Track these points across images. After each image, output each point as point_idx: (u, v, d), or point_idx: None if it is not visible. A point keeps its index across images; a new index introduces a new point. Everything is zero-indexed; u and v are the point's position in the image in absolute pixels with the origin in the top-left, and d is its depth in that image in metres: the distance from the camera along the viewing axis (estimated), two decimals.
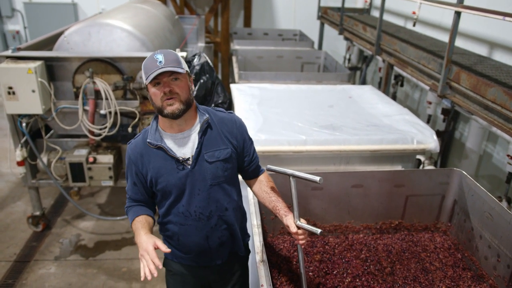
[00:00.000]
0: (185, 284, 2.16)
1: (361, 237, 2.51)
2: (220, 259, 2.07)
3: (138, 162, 1.90)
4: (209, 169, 1.89)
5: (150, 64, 1.75)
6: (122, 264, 3.86)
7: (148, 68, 1.75)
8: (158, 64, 1.73)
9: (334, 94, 3.78)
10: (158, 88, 1.76)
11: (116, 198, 4.86)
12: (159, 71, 1.71)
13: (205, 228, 1.95)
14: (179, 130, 1.88)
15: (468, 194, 2.37)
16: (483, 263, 2.25)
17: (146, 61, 1.78)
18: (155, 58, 1.75)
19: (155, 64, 1.73)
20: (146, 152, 1.88)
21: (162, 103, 1.76)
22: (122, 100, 3.76)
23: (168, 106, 1.76)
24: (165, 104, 1.76)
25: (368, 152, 2.83)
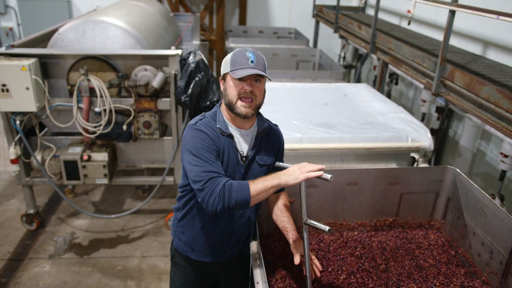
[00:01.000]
0: (189, 279, 2.19)
1: (356, 235, 2.52)
2: (229, 257, 2.12)
3: (214, 139, 1.84)
4: (256, 170, 1.96)
5: (241, 59, 1.78)
6: (117, 262, 3.85)
7: (237, 62, 1.77)
8: (249, 63, 1.76)
9: (329, 92, 3.79)
10: (240, 84, 1.79)
11: (110, 196, 4.85)
12: (252, 72, 1.74)
13: (234, 224, 2.01)
14: (240, 127, 1.92)
15: (462, 192, 2.39)
16: (476, 260, 2.27)
17: (237, 54, 1.80)
18: (247, 55, 1.78)
19: (246, 61, 1.76)
20: (216, 135, 1.86)
21: (237, 99, 1.81)
22: (117, 97, 3.75)
23: (243, 107, 1.81)
24: (239, 103, 1.81)
25: (363, 150, 2.84)
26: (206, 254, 2.09)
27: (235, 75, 1.76)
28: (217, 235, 2.02)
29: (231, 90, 1.81)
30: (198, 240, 2.05)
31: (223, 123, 1.89)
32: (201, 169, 1.74)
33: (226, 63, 1.83)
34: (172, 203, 4.62)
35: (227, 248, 2.08)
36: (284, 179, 1.71)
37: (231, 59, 1.80)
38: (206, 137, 1.81)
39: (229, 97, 1.83)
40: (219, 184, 1.70)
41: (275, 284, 2.08)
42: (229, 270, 2.19)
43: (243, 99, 1.80)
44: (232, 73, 1.77)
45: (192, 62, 3.65)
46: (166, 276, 3.69)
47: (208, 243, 2.05)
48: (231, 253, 2.11)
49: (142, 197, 4.72)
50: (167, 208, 4.63)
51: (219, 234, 2.02)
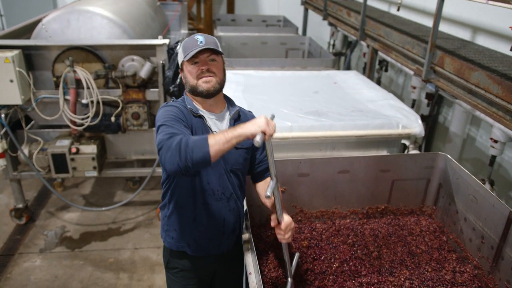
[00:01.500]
0: (188, 280, 2.15)
1: (348, 222, 2.52)
2: (226, 247, 2.09)
3: (186, 114, 1.85)
4: (233, 154, 1.94)
5: (190, 43, 1.83)
6: (109, 255, 3.83)
7: (187, 47, 1.83)
8: (198, 44, 1.81)
9: (319, 80, 3.76)
10: (196, 66, 1.83)
11: (100, 188, 4.80)
12: (200, 49, 1.78)
13: (224, 209, 1.98)
14: (210, 110, 1.94)
15: (453, 178, 2.39)
16: (468, 245, 2.28)
17: (186, 41, 1.86)
18: (196, 38, 1.83)
19: (195, 43, 1.81)
20: (187, 112, 1.87)
21: (198, 80, 1.84)
22: (104, 89, 3.70)
23: (204, 83, 1.84)
24: (200, 81, 1.84)
25: (353, 138, 2.83)
26: (202, 248, 2.04)
27: (186, 57, 1.81)
28: (210, 225, 1.99)
29: (190, 75, 1.86)
30: (191, 233, 2.01)
31: (193, 105, 1.91)
32: (164, 132, 1.64)
33: (180, 53, 1.89)
34: None
35: (222, 237, 2.04)
36: (247, 128, 1.57)
37: (182, 47, 1.87)
38: (176, 109, 1.82)
39: (189, 82, 1.87)
40: (176, 139, 1.57)
41: (268, 274, 2.07)
42: (227, 262, 2.16)
43: (202, 78, 1.85)
44: (185, 57, 1.82)
45: None
46: (158, 268, 3.68)
47: (202, 235, 2.01)
48: (227, 243, 2.08)
49: (133, 188, 4.68)
50: (158, 199, 4.60)
51: (212, 223, 1.98)
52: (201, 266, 2.12)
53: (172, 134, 1.61)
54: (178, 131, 1.65)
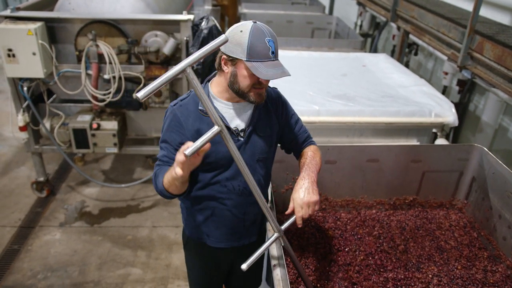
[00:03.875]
0: (206, 266, 2.10)
1: (374, 213, 2.43)
2: (248, 239, 2.00)
3: (186, 124, 1.70)
4: (259, 143, 1.79)
5: (261, 48, 1.54)
6: (127, 231, 3.83)
7: (256, 51, 1.54)
8: (271, 55, 1.56)
9: (347, 62, 3.62)
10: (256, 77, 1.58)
11: (120, 164, 4.79)
12: (278, 75, 1.55)
13: (245, 203, 1.87)
14: (236, 100, 1.73)
15: (489, 172, 2.27)
16: (501, 244, 2.17)
17: (255, 40, 1.54)
18: (268, 44, 1.55)
19: (267, 52, 1.55)
20: (196, 116, 1.70)
21: (251, 89, 1.63)
22: (127, 64, 3.62)
23: (257, 96, 1.64)
24: (253, 92, 1.63)
25: (382, 125, 2.71)
26: (222, 240, 1.97)
27: (260, 75, 1.53)
28: (230, 219, 1.90)
29: (244, 80, 1.61)
30: (210, 225, 1.93)
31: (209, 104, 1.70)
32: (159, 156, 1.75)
33: (240, 45, 1.55)
34: None
35: (244, 229, 1.96)
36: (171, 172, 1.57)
37: (248, 44, 1.54)
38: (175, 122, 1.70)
39: (240, 85, 1.63)
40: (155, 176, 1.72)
41: (290, 263, 2.01)
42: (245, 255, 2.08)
43: (258, 89, 1.64)
44: (251, 66, 1.54)
45: (205, 28, 3.48)
46: (176, 247, 3.66)
47: (222, 228, 1.93)
48: (248, 234, 1.99)
49: (153, 166, 4.65)
50: None
51: (232, 217, 1.89)
52: (220, 256, 2.06)
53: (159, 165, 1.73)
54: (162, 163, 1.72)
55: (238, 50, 1.55)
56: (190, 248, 2.11)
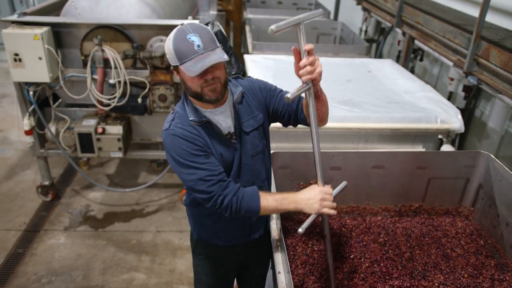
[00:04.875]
0: (214, 269, 2.12)
1: (379, 220, 2.41)
2: (257, 233, 2.03)
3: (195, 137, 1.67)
4: (248, 140, 1.81)
5: (185, 47, 1.54)
6: (132, 236, 3.83)
7: (182, 52, 1.55)
8: (196, 49, 1.54)
9: (352, 68, 3.61)
10: (198, 76, 1.58)
11: (125, 169, 4.80)
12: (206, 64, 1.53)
13: None
14: (216, 106, 1.74)
15: (496, 179, 2.25)
16: (509, 252, 2.14)
17: (178, 43, 1.55)
18: (191, 41, 1.54)
19: (192, 48, 1.54)
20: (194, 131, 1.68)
21: (202, 89, 1.63)
22: (132, 69, 3.64)
23: (210, 92, 1.64)
24: (206, 90, 1.63)
25: (388, 131, 2.70)
26: (232, 238, 2.00)
27: (189, 73, 1.55)
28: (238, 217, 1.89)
29: (192, 84, 1.62)
30: (222, 226, 1.96)
31: (195, 113, 1.70)
32: (196, 176, 1.65)
33: (170, 53, 1.58)
34: None
35: (252, 224, 1.99)
36: (300, 207, 1.66)
37: (174, 50, 1.56)
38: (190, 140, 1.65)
39: (192, 89, 1.64)
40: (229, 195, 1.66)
41: (295, 270, 1.99)
42: (257, 247, 2.12)
43: (207, 87, 1.63)
44: (184, 68, 1.56)
45: None
46: (180, 252, 3.66)
47: (232, 226, 1.96)
48: (256, 229, 2.02)
49: (157, 170, 4.66)
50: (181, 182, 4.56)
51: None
52: (231, 255, 2.08)
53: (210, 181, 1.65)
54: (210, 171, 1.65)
55: (171, 58, 1.60)
56: (200, 251, 2.11)
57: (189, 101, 1.72)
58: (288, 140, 2.68)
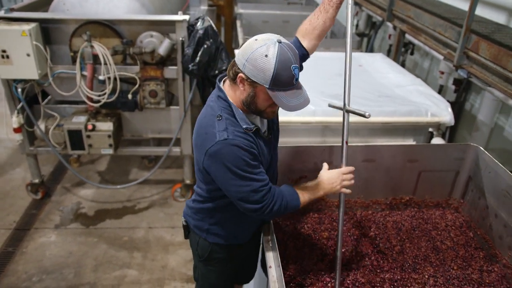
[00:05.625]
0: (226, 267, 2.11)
1: (370, 214, 2.42)
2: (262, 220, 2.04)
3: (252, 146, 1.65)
4: (275, 132, 1.87)
5: (287, 78, 1.51)
6: (123, 233, 3.81)
7: (282, 81, 1.50)
8: (294, 82, 1.55)
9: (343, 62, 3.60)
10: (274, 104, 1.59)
11: (116, 165, 4.77)
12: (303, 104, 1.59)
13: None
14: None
15: (485, 171, 2.26)
16: (497, 243, 2.16)
17: (282, 69, 1.48)
18: (294, 72, 1.52)
19: (291, 81, 1.53)
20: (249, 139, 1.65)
21: (266, 109, 1.64)
22: (122, 65, 3.60)
23: (271, 113, 1.67)
24: (268, 110, 1.65)
25: (379, 125, 2.70)
26: (247, 235, 2.03)
27: (283, 107, 1.54)
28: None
29: (263, 103, 1.60)
30: (242, 226, 1.97)
31: (245, 120, 1.66)
32: (251, 188, 1.63)
33: (263, 72, 1.49)
34: (179, 173, 4.55)
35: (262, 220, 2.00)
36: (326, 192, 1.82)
37: (274, 73, 1.48)
38: (246, 152, 1.60)
39: (258, 106, 1.61)
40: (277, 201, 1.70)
41: (286, 266, 1.99)
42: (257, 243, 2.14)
43: (271, 108, 1.64)
44: (274, 97, 1.51)
45: (201, 28, 3.47)
46: (172, 248, 3.65)
47: (249, 224, 1.98)
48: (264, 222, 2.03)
49: (149, 167, 4.64)
50: (173, 178, 4.56)
51: None
52: (243, 251, 2.10)
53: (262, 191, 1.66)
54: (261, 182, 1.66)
55: (261, 76, 1.51)
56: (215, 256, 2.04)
57: (237, 110, 1.66)
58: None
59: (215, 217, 1.93)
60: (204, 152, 1.62)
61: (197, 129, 1.72)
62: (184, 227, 2.06)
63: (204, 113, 1.70)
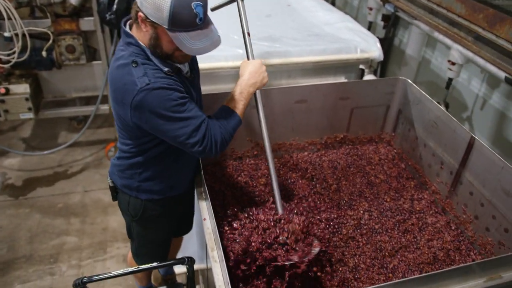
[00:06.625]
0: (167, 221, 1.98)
1: (306, 155, 2.41)
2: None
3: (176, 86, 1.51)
4: (195, 69, 1.74)
5: (187, 17, 1.37)
6: (57, 200, 3.62)
7: (182, 21, 1.38)
8: (197, 23, 1.41)
9: (271, 2, 3.47)
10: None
11: (42, 130, 4.45)
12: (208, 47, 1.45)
13: None
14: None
15: (413, 103, 2.30)
16: (427, 171, 2.25)
17: (179, 8, 1.35)
18: (196, 10, 1.38)
19: (193, 21, 1.39)
20: (172, 80, 1.51)
21: (174, 52, 1.48)
22: (30, 19, 3.25)
23: (182, 57, 1.51)
24: (177, 54, 1.48)
25: (310, 64, 2.65)
26: (185, 183, 1.89)
27: (184, 49, 1.40)
28: (188, 159, 1.81)
29: (167, 45, 1.46)
30: (175, 175, 1.82)
31: (165, 63, 1.52)
32: (190, 128, 1.49)
33: (160, 10, 1.36)
34: (111, 132, 4.33)
35: (194, 170, 1.90)
36: (258, 85, 1.68)
37: (171, 11, 1.36)
38: (173, 91, 1.46)
39: (163, 49, 1.48)
40: (216, 131, 1.55)
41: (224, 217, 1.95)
42: (192, 192, 2.00)
43: (181, 52, 1.47)
44: (175, 38, 1.39)
45: None
46: (111, 209, 3.52)
47: (184, 172, 1.85)
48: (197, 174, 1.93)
49: (78, 128, 4.36)
50: (106, 137, 4.33)
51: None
52: (181, 201, 1.96)
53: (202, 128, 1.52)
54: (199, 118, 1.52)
55: (158, 15, 1.38)
56: (150, 213, 1.90)
57: (152, 53, 1.52)
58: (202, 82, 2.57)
59: (146, 172, 1.78)
60: (129, 106, 1.47)
61: (112, 84, 1.54)
62: (111, 188, 1.91)
63: (115, 65, 1.53)
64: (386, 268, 1.79)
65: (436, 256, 1.84)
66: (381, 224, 1.99)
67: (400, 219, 2.02)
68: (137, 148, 1.71)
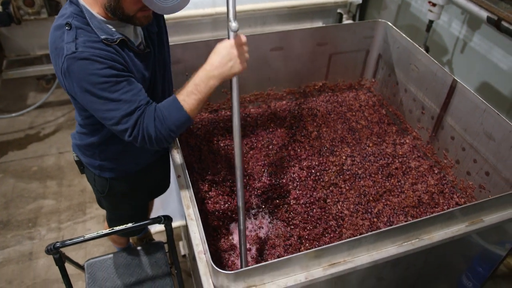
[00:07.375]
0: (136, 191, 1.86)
1: (285, 104, 2.34)
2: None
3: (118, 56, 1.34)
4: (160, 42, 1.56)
5: None
6: (31, 163, 3.49)
7: None
8: None
9: None
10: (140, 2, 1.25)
11: (9, 92, 4.23)
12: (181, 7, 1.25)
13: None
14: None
15: (394, 47, 2.22)
16: (408, 117, 2.20)
17: None
18: None
19: None
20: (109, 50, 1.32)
21: (136, 14, 1.30)
22: None
23: (144, 18, 1.33)
24: (140, 15, 1.31)
25: (285, 10, 2.52)
26: (150, 156, 1.74)
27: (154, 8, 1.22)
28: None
29: (130, 6, 1.28)
30: (137, 152, 1.66)
31: (103, 30, 1.33)
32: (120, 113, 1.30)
33: None
34: None
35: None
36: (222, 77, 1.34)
37: None
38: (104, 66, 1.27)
39: (125, 11, 1.30)
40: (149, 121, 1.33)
41: (201, 171, 1.89)
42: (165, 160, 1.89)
43: (143, 12, 1.32)
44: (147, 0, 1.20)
45: None
46: None
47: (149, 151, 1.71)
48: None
49: (47, 88, 4.16)
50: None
51: None
52: (148, 173, 1.83)
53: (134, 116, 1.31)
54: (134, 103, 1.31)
55: None
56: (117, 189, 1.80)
57: (93, 16, 1.33)
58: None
59: (106, 152, 1.64)
60: (60, 73, 1.31)
61: (49, 45, 1.38)
62: (77, 162, 1.78)
63: (53, 25, 1.36)
64: (371, 213, 1.77)
65: (420, 200, 1.83)
66: (364, 169, 1.96)
67: (383, 163, 1.99)
68: (90, 127, 1.56)
